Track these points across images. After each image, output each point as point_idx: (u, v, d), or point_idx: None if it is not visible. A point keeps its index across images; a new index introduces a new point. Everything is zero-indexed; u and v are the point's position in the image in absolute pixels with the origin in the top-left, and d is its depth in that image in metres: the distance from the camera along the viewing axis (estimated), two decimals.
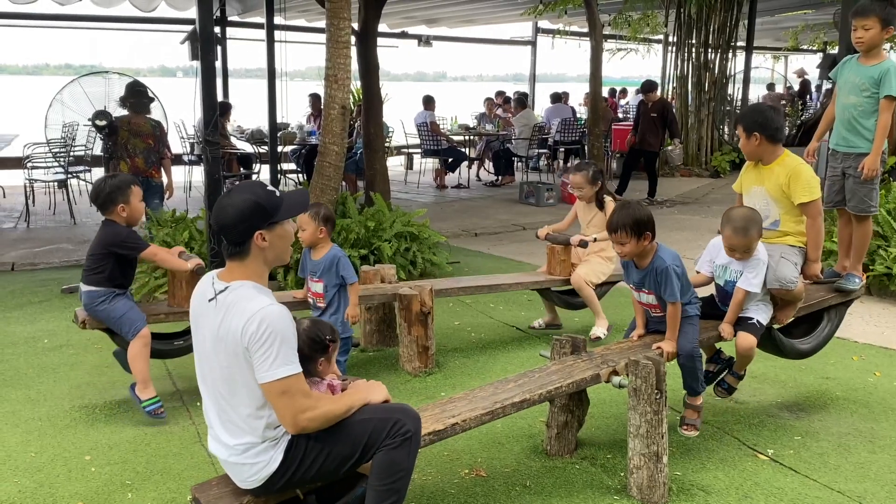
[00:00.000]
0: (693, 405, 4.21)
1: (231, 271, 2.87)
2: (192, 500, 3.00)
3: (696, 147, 16.20)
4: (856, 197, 4.81)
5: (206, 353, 2.86)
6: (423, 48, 20.46)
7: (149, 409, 4.47)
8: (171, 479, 3.83)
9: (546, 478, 3.86)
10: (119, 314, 4.48)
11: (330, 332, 3.20)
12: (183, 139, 13.24)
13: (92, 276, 4.50)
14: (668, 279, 3.91)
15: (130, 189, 4.54)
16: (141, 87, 7.95)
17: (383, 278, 5.72)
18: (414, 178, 15.12)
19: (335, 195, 7.63)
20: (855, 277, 4.78)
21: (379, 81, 9.55)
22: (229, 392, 2.82)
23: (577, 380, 3.69)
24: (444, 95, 23.75)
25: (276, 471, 2.86)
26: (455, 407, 3.45)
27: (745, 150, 4.34)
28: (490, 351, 5.76)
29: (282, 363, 2.70)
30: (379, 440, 2.92)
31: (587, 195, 6.00)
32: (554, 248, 6.00)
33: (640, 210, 3.92)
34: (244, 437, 2.84)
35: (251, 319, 2.69)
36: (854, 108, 4.78)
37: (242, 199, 2.82)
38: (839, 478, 3.90)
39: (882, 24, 4.65)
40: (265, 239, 2.83)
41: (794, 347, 4.58)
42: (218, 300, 2.81)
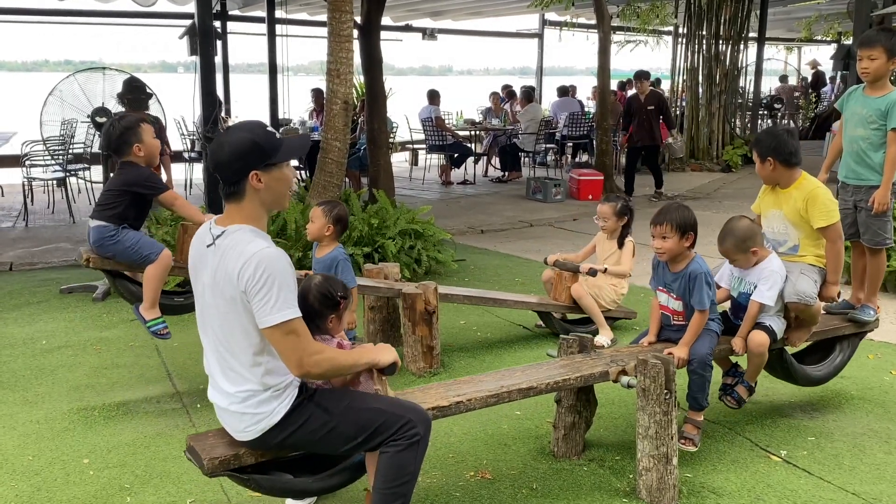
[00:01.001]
0: (694, 420, 4.11)
1: (229, 215, 2.87)
2: (186, 448, 3.01)
3: (707, 141, 16.15)
4: (869, 230, 4.80)
5: (205, 300, 2.87)
6: (428, 41, 20.46)
7: (154, 328, 4.46)
8: (171, 482, 3.82)
9: (553, 480, 3.85)
10: (135, 240, 4.47)
11: (342, 288, 3.21)
12: (183, 136, 13.25)
13: (104, 211, 4.49)
14: (700, 286, 3.93)
15: (141, 127, 4.55)
16: (138, 83, 7.95)
17: (387, 276, 5.71)
18: (419, 175, 15.11)
19: (338, 192, 7.63)
20: (870, 309, 4.78)
21: (382, 76, 9.54)
22: (227, 338, 2.82)
23: (585, 374, 3.70)
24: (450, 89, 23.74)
25: (276, 424, 2.85)
26: (460, 388, 3.49)
27: (760, 175, 4.33)
28: (496, 350, 5.75)
29: (282, 306, 2.69)
30: (386, 435, 2.92)
31: (610, 228, 5.89)
32: (561, 275, 5.94)
33: (689, 211, 4.00)
34: (245, 385, 2.84)
35: (248, 263, 2.68)
36: (862, 140, 4.77)
37: (239, 138, 2.81)
38: (854, 479, 3.87)
39: (888, 54, 4.64)
40: (261, 180, 2.82)
41: (805, 373, 4.55)
42: (216, 245, 2.81)
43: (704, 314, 3.95)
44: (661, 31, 21.12)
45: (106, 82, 8.21)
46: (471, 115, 17.58)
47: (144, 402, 4.79)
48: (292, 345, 2.74)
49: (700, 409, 4.09)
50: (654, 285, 4.21)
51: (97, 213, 4.50)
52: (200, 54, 6.91)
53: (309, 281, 3.20)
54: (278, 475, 3.04)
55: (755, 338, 4.13)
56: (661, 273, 4.12)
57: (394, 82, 14.69)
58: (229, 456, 2.92)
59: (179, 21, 15.18)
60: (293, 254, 6.89)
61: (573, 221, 10.91)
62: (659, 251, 4.00)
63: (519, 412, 4.62)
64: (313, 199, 7.36)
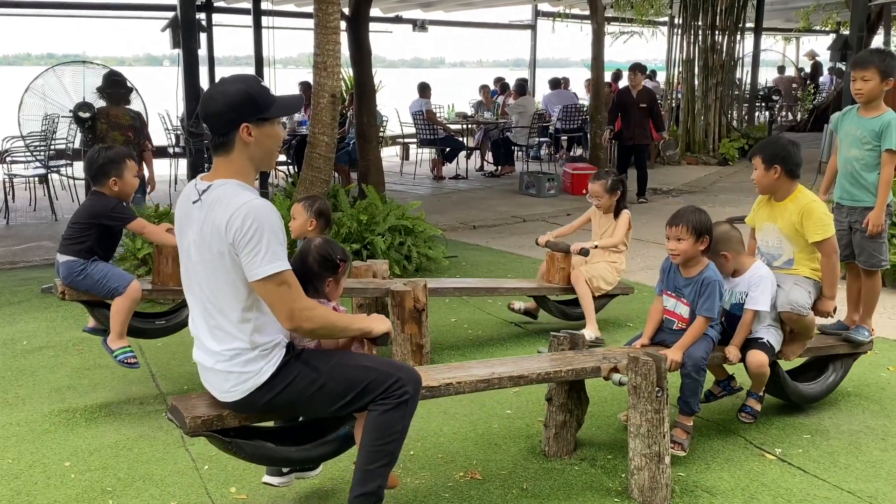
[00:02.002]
0: (684, 424, 4.10)
1: (216, 169, 2.88)
2: (168, 408, 3.02)
3: (703, 133, 16.17)
4: (865, 252, 4.83)
5: (191, 258, 2.88)
6: (419, 33, 20.44)
7: (120, 357, 4.48)
8: (154, 485, 3.82)
9: (544, 480, 3.86)
10: (103, 273, 4.49)
11: (341, 252, 3.24)
12: (168, 131, 13.22)
13: (71, 245, 4.51)
14: (712, 293, 3.97)
15: (125, 163, 4.57)
16: (118, 76, 7.91)
17: (376, 274, 5.71)
18: (410, 169, 15.11)
19: (326, 188, 7.63)
20: (865, 330, 4.81)
21: (371, 68, 9.54)
22: (215, 295, 2.82)
23: (576, 367, 3.74)
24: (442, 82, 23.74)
25: (263, 384, 2.86)
26: (451, 372, 3.54)
27: (761, 182, 4.34)
28: (487, 349, 5.76)
29: (272, 258, 2.71)
30: (375, 393, 2.93)
31: (605, 205, 5.94)
32: (554, 256, 5.97)
33: (705, 215, 4.03)
34: (233, 343, 2.84)
35: (236, 214, 2.69)
36: (856, 161, 4.81)
37: (234, 88, 2.83)
38: (850, 477, 3.89)
39: (882, 75, 4.68)
40: (251, 134, 2.83)
41: (797, 390, 4.58)
42: (202, 200, 2.82)
43: (707, 322, 3.97)
44: (656, 21, 21.11)
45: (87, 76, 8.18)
46: (463, 109, 17.57)
47: (127, 404, 4.78)
48: (283, 297, 2.74)
49: (691, 413, 4.09)
50: (660, 289, 4.22)
51: (64, 247, 4.53)
52: (183, 47, 6.90)
53: (308, 243, 3.24)
54: (261, 442, 3.05)
55: (754, 359, 4.15)
56: (673, 277, 4.14)
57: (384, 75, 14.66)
58: (212, 416, 2.92)
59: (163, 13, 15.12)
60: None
61: (567, 217, 10.91)
62: (673, 252, 4.02)
63: (510, 411, 4.63)
64: (301, 194, 7.36)
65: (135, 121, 7.76)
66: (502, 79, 18.51)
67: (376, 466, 2.99)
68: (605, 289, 5.94)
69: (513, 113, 14.65)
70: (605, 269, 5.94)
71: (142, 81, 8.92)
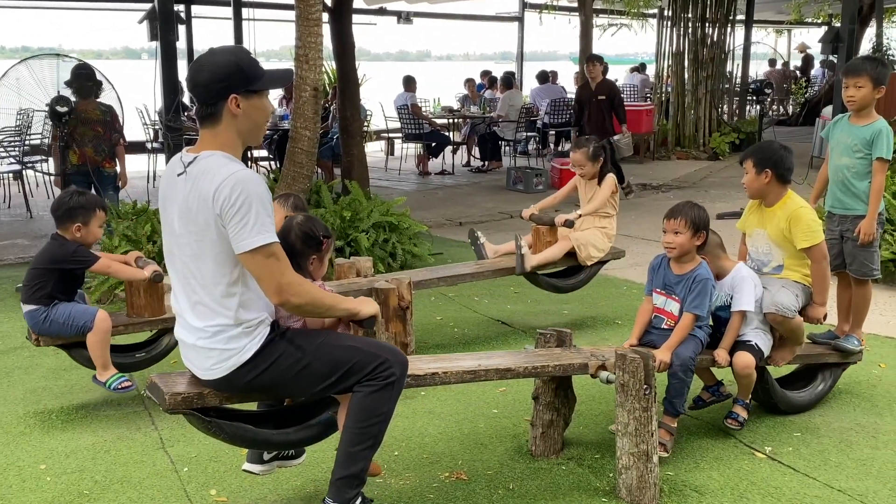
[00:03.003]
0: (668, 425, 4.11)
1: (202, 142, 2.88)
2: (147, 385, 3.02)
3: (693, 128, 16.23)
4: (856, 261, 4.86)
5: (175, 231, 2.87)
6: (404, 25, 20.41)
7: (113, 386, 4.47)
8: (132, 488, 3.82)
9: (531, 480, 3.88)
10: (66, 315, 4.48)
11: (324, 229, 3.24)
12: (146, 125, 13.17)
13: (32, 293, 4.51)
14: (703, 290, 4.01)
15: (94, 213, 4.58)
16: (87, 69, 7.84)
17: (359, 272, 5.71)
18: (395, 165, 15.10)
19: (308, 183, 7.62)
20: (854, 339, 4.85)
21: (355, 61, 9.53)
22: (199, 268, 2.82)
23: (564, 364, 3.76)
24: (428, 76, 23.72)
25: (246, 362, 2.86)
26: (437, 362, 3.57)
27: (751, 186, 4.37)
28: (474, 347, 5.77)
29: (261, 229, 2.71)
30: (361, 374, 2.94)
31: (588, 173, 5.98)
32: (539, 229, 5.99)
33: (704, 211, 4.10)
34: (216, 319, 2.84)
35: (223, 184, 2.69)
36: (847, 169, 4.84)
37: (224, 59, 2.83)
38: (840, 475, 3.92)
39: (874, 83, 4.72)
40: (239, 105, 2.83)
41: (785, 397, 4.61)
42: (187, 172, 2.82)
43: (694, 319, 4.00)
44: (645, 13, 21.17)
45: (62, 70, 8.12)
46: (449, 103, 17.58)
47: (104, 405, 4.77)
48: (272, 269, 2.74)
49: (676, 414, 4.12)
50: (650, 287, 4.25)
51: (26, 296, 4.54)
52: (161, 39, 6.88)
53: (290, 220, 3.24)
54: (241, 424, 3.05)
55: (741, 360, 4.17)
56: (663, 274, 4.17)
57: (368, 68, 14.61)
58: (192, 394, 2.92)
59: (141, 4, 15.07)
60: None
61: (556, 213, 10.92)
62: (669, 245, 4.06)
63: (496, 410, 4.65)
64: (282, 190, 7.35)
65: (105, 115, 7.68)
66: (489, 72, 18.53)
67: (360, 449, 2.99)
68: (596, 256, 5.97)
69: (500, 107, 14.64)
70: (594, 236, 5.95)
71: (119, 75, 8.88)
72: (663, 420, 4.12)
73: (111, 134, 7.69)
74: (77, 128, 7.47)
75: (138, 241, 6.88)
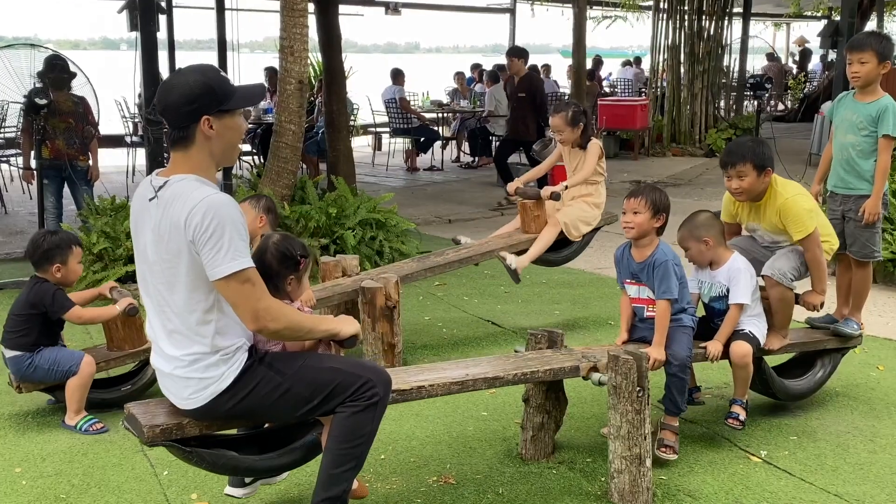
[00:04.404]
0: (671, 426, 4.14)
1: (173, 165, 2.86)
2: (126, 417, 3.01)
3: (689, 123, 16.29)
4: (857, 242, 4.87)
5: (148, 258, 2.86)
6: (392, 16, 20.41)
7: (84, 427, 4.46)
8: (110, 492, 3.82)
9: (520, 484, 3.89)
10: (51, 361, 4.48)
11: (301, 247, 3.21)
12: (125, 118, 13.14)
13: (15, 339, 4.50)
14: (666, 273, 4.00)
15: (71, 250, 4.59)
16: (60, 60, 7.81)
17: (345, 270, 5.72)
18: (382, 160, 15.10)
19: (293, 179, 7.62)
20: (853, 323, 4.86)
21: (341, 53, 9.53)
22: (173, 296, 2.81)
23: (554, 368, 3.77)
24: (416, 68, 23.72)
25: (224, 390, 2.85)
26: (423, 373, 3.56)
27: (751, 189, 4.32)
28: (463, 348, 5.79)
29: (235, 255, 2.70)
30: (343, 396, 2.94)
31: (568, 139, 5.90)
32: (525, 204, 5.95)
33: (665, 195, 4.13)
34: (192, 347, 2.83)
35: (195, 210, 2.68)
36: (852, 147, 4.84)
37: (193, 80, 2.81)
38: (837, 480, 3.95)
39: (879, 58, 4.71)
40: (212, 127, 2.81)
41: (783, 386, 4.63)
42: (159, 197, 2.80)
43: (669, 305, 4.00)
44: (640, 5, 21.22)
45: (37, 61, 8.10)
46: (438, 97, 17.58)
47: None
48: (247, 295, 2.74)
49: (678, 413, 4.14)
50: (621, 279, 4.27)
51: (8, 342, 4.53)
52: (141, 30, 6.87)
53: (266, 240, 3.21)
54: (223, 451, 3.05)
55: (738, 349, 4.19)
56: (627, 264, 4.19)
57: (355, 60, 14.61)
58: (172, 425, 2.91)
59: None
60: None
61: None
62: (628, 225, 4.07)
63: (485, 413, 4.66)
64: (266, 186, 7.35)
65: (77, 106, 7.64)
66: (479, 66, 18.52)
67: (342, 470, 3.00)
68: (586, 230, 5.96)
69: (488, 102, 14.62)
70: (582, 209, 5.92)
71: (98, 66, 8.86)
72: (665, 421, 4.15)
73: (83, 126, 7.64)
74: (49, 119, 7.43)
75: (117, 237, 6.87)
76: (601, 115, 15.30)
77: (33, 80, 7.64)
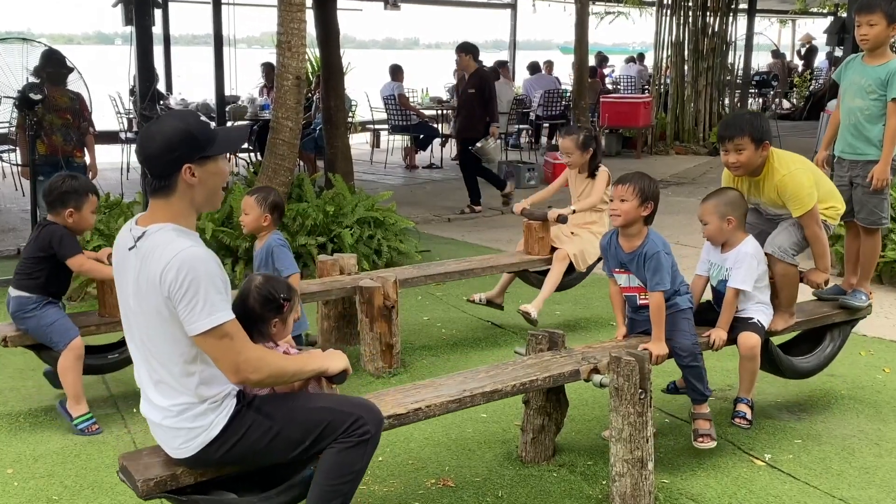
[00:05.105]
0: (702, 414, 4.14)
1: (152, 213, 2.85)
2: (119, 468, 3.00)
3: (692, 121, 16.29)
4: (865, 208, 4.84)
5: (131, 308, 2.86)
6: (391, 11, 20.37)
7: (81, 426, 4.47)
8: (103, 493, 3.82)
9: (520, 487, 3.90)
10: (50, 321, 4.50)
11: (285, 290, 3.19)
12: (119, 114, 13.13)
13: (25, 280, 4.54)
14: (658, 264, 3.97)
15: (87, 197, 4.61)
16: (58, 55, 7.81)
17: (343, 269, 5.72)
18: (380, 158, 15.09)
19: (290, 176, 7.61)
20: (862, 294, 4.84)
21: (339, 49, 9.52)
22: (156, 348, 2.81)
23: (554, 374, 3.74)
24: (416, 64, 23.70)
25: (214, 438, 2.85)
26: (419, 393, 3.51)
27: (749, 162, 4.25)
28: (462, 349, 5.79)
29: (210, 311, 2.69)
30: (334, 435, 2.93)
31: (576, 163, 5.96)
32: (531, 225, 6.00)
33: (654, 182, 4.11)
34: (179, 398, 2.83)
35: (169, 266, 2.68)
36: (860, 111, 4.81)
37: (172, 127, 2.79)
38: (842, 484, 3.96)
39: (888, 19, 4.67)
40: (194, 174, 2.80)
41: (792, 365, 4.62)
42: (138, 247, 2.80)
43: (662, 297, 3.98)
44: (643, 0, 21.23)
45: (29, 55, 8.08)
46: (438, 93, 17.58)
47: None
48: (226, 350, 2.73)
49: (704, 399, 4.14)
50: (609, 268, 4.24)
51: (17, 282, 4.56)
52: (136, 24, 6.86)
53: (249, 282, 3.17)
54: (221, 494, 3.03)
55: (747, 341, 4.19)
56: (615, 253, 4.16)
57: (354, 56, 14.64)
58: (166, 476, 2.92)
59: None
60: (240, 244, 6.88)
61: (549, 209, 10.93)
62: (615, 212, 4.04)
63: (485, 415, 4.66)
64: (263, 183, 7.34)
65: (73, 102, 7.64)
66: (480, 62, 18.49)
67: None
68: (591, 261, 6.00)
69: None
70: (590, 241, 5.96)
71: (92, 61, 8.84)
72: (695, 411, 4.16)
73: (80, 122, 7.65)
74: (45, 116, 7.43)
75: (111, 235, 6.87)
76: (603, 112, 15.31)
77: (27, 75, 7.63)
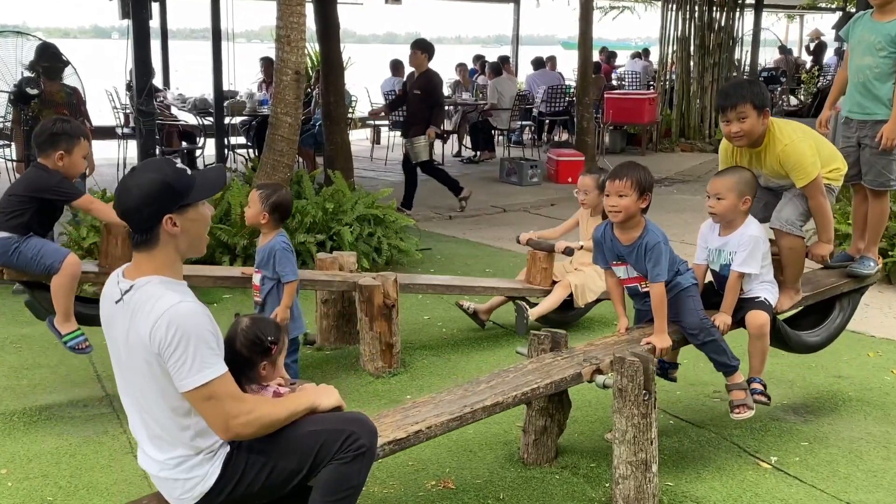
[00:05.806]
0: (736, 384, 4.14)
1: (138, 265, 2.84)
2: None
3: (698, 118, 16.28)
4: (873, 170, 4.79)
5: (122, 362, 2.86)
6: (392, 6, 20.39)
7: (70, 343, 4.48)
8: (98, 495, 3.83)
9: (522, 489, 3.90)
10: (37, 248, 4.50)
11: (273, 331, 3.16)
12: (116, 109, 13.12)
13: (9, 219, 4.52)
14: (659, 257, 3.97)
15: (78, 140, 4.60)
16: (54, 49, 7.82)
17: (342, 267, 5.72)
18: (381, 154, 15.09)
19: (289, 173, 7.62)
20: (870, 261, 4.79)
21: (340, 43, 9.53)
22: (148, 402, 2.82)
23: (556, 380, 3.73)
24: None
25: (212, 487, 2.86)
26: (419, 412, 3.47)
27: (751, 130, 4.17)
28: (462, 349, 5.79)
29: (200, 367, 2.69)
30: (330, 454, 2.94)
31: (592, 202, 5.89)
32: (536, 255, 6.01)
33: (649, 172, 4.06)
34: (175, 451, 2.85)
35: (158, 323, 2.67)
36: (869, 69, 4.74)
37: (148, 179, 2.78)
38: (849, 487, 3.96)
39: None
40: (176, 224, 2.79)
41: (801, 340, 4.61)
42: (125, 301, 2.79)
43: (662, 287, 3.98)
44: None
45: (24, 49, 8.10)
46: None
47: (70, 406, 4.77)
48: (215, 408, 2.74)
49: (734, 369, 4.14)
50: (605, 261, 4.23)
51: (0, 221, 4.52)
52: (133, 18, 6.87)
53: (236, 325, 3.15)
54: None
55: (755, 319, 4.17)
56: (612, 245, 4.13)
57: (354, 51, 14.64)
58: None
59: None
60: (237, 241, 6.88)
61: (551, 207, 10.97)
62: (614, 209, 3.99)
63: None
64: (261, 180, 7.34)
65: (70, 97, 7.66)
66: (482, 57, 18.51)
67: None
68: (591, 298, 6.02)
69: (492, 94, 14.63)
70: (593, 279, 5.97)
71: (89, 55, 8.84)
72: (729, 382, 4.16)
73: (76, 117, 7.67)
74: (41, 111, 7.45)
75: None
76: (607, 108, 15.29)
77: (21, 70, 7.64)
